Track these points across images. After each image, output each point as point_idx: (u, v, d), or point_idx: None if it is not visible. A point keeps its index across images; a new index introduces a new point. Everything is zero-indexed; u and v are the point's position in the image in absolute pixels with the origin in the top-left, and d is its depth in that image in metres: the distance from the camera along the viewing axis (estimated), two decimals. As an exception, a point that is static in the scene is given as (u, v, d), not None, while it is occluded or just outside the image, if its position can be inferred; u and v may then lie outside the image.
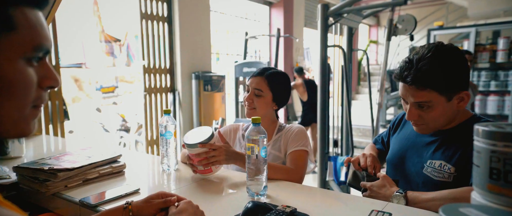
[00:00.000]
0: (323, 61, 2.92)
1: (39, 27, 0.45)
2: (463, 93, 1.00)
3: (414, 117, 1.03)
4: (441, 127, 1.05)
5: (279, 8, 5.92)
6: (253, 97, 1.35)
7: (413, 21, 2.94)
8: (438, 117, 1.01)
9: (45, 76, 0.47)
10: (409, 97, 1.02)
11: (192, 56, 4.11)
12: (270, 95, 1.36)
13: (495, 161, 0.53)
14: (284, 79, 1.41)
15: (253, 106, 1.36)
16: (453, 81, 0.98)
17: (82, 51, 8.48)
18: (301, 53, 6.48)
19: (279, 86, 1.38)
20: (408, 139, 1.17)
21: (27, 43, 0.43)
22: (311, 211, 0.92)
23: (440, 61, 0.96)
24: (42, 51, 0.46)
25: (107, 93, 8.19)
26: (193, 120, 4.10)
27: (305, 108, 4.76)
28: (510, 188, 0.52)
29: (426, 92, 0.98)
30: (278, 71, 1.40)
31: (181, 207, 0.80)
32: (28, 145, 1.89)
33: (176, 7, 3.89)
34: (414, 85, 0.98)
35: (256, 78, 1.36)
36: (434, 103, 0.99)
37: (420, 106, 1.01)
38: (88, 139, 5.29)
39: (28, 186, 1.16)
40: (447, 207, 0.52)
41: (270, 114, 1.42)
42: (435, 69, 0.96)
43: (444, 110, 1.00)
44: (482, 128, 0.56)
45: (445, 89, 0.98)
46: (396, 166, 1.19)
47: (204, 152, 1.18)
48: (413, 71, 0.97)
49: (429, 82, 0.96)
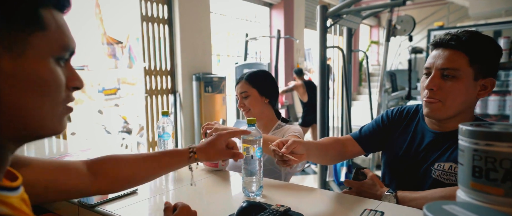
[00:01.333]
0: (322, 62, 2.93)
1: (65, 28, 0.47)
2: (489, 80, 0.96)
3: (435, 85, 0.96)
4: (455, 111, 0.97)
5: (279, 9, 5.94)
6: (243, 101, 1.47)
7: (412, 22, 2.95)
8: (459, 93, 0.95)
9: (71, 77, 0.49)
10: (437, 61, 0.97)
11: (193, 58, 4.14)
12: (255, 91, 1.46)
13: (477, 159, 0.55)
14: (263, 73, 1.52)
15: (247, 109, 1.46)
16: (485, 56, 0.95)
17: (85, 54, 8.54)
18: (302, 54, 6.50)
19: (260, 81, 1.48)
20: (410, 141, 1.11)
21: (56, 43, 0.45)
22: (305, 210, 0.93)
23: (479, 35, 0.97)
24: (69, 51, 0.48)
25: (109, 95, 8.23)
26: (194, 121, 4.13)
27: (306, 109, 4.77)
28: (492, 185, 0.54)
29: (458, 56, 0.94)
30: (255, 71, 1.52)
31: (179, 213, 0.79)
32: (29, 146, 1.92)
33: (177, 9, 3.92)
34: (449, 47, 0.95)
35: (238, 85, 1.49)
36: (460, 74, 0.94)
37: (445, 76, 0.96)
38: (90, 140, 5.32)
39: (28, 187, 1.18)
40: (431, 205, 0.53)
41: (267, 111, 1.49)
42: (473, 38, 0.95)
43: (466, 87, 0.95)
44: (465, 127, 0.57)
45: (476, 60, 0.94)
46: (398, 169, 1.13)
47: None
48: (451, 36, 0.96)
49: (464, 45, 0.94)
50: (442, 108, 0.98)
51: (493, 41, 0.98)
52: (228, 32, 5.94)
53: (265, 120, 1.49)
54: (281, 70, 5.83)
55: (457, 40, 0.94)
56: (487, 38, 0.97)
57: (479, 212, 0.50)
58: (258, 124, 1.48)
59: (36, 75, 0.43)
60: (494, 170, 0.53)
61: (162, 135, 1.35)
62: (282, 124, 1.49)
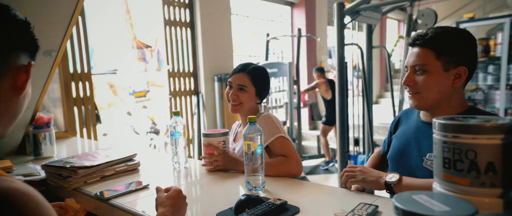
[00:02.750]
0: (340, 59, 2.91)
1: None
2: (461, 68, 1.01)
3: (410, 81, 1.05)
4: (433, 100, 1.04)
5: (301, 8, 5.92)
6: (237, 92, 1.40)
7: (434, 16, 2.86)
8: (431, 85, 1.02)
9: None
10: (409, 59, 1.06)
11: (214, 59, 4.24)
12: (253, 89, 1.40)
13: (446, 151, 0.56)
14: (265, 72, 1.45)
15: (239, 101, 1.40)
16: (452, 48, 1.01)
17: (116, 58, 8.95)
18: (325, 52, 6.43)
19: (261, 81, 1.42)
20: (407, 134, 1.16)
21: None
22: (302, 204, 0.97)
23: (444, 29, 1.04)
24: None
25: (140, 97, 8.59)
26: (217, 121, 4.23)
27: (329, 107, 4.74)
28: (459, 176, 0.55)
29: (424, 52, 1.02)
30: (258, 66, 1.44)
31: (171, 194, 0.86)
32: (61, 146, 2.08)
33: (198, 13, 4.04)
34: (416, 46, 1.04)
35: (238, 74, 1.40)
36: (429, 67, 1.01)
37: (416, 71, 1.04)
38: (121, 141, 5.59)
39: (54, 182, 1.30)
40: (401, 195, 0.55)
41: (254, 107, 1.45)
42: (437, 33, 1.02)
43: (438, 78, 1.01)
44: (437, 120, 0.59)
45: (442, 52, 1.00)
46: (397, 162, 1.18)
47: (210, 153, 1.34)
48: (418, 36, 1.05)
49: (428, 41, 1.02)
50: (422, 99, 1.05)
51: (461, 33, 1.04)
52: (254, 33, 6.00)
53: (250, 114, 1.43)
54: (303, 69, 5.82)
55: (422, 38, 1.03)
56: (454, 31, 1.04)
57: (443, 200, 0.52)
58: (242, 118, 1.48)
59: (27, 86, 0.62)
60: (461, 161, 0.54)
61: (173, 133, 1.43)
62: (261, 113, 1.46)
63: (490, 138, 0.52)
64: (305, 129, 5.90)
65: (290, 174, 1.28)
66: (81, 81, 2.83)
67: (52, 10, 1.40)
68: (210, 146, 1.32)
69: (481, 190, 0.53)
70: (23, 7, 1.29)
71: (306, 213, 0.91)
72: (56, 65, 1.68)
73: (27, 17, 0.92)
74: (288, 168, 1.28)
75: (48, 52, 1.56)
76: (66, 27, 1.51)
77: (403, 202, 0.52)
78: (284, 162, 1.30)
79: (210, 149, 1.33)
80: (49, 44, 1.53)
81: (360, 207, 0.90)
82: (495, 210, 0.53)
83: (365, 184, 1.04)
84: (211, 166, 1.34)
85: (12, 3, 0.65)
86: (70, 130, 2.46)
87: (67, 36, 1.56)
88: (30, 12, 1.33)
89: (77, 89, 2.79)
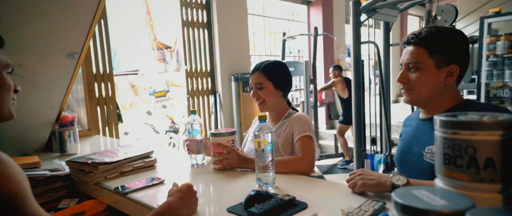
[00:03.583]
0: (356, 58, 2.89)
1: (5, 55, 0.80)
2: (453, 67, 1.05)
3: (403, 78, 1.10)
4: (425, 96, 1.09)
5: (317, 6, 5.88)
6: (257, 91, 1.48)
7: (454, 12, 2.79)
8: (423, 82, 1.06)
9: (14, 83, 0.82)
10: (404, 57, 1.11)
11: (231, 59, 4.29)
12: (270, 84, 1.47)
13: (446, 147, 0.57)
14: (279, 66, 1.52)
15: (261, 99, 1.48)
16: (444, 46, 1.05)
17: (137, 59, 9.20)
18: (342, 50, 6.37)
19: (276, 74, 1.49)
20: (408, 134, 1.20)
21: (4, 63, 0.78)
22: (310, 200, 0.99)
23: (438, 29, 1.08)
24: (10, 67, 0.80)
25: (160, 97, 8.79)
26: (234, 120, 4.28)
27: (346, 105, 4.69)
28: (459, 171, 0.55)
29: (417, 50, 1.07)
30: (272, 62, 1.52)
31: (181, 187, 0.93)
32: (84, 144, 2.18)
33: (215, 14, 4.11)
34: (411, 45, 1.09)
35: (254, 74, 1.50)
36: (422, 65, 1.06)
37: (410, 68, 1.09)
38: (141, 140, 5.74)
39: (77, 177, 1.37)
40: (401, 190, 0.57)
41: (280, 103, 1.52)
42: (431, 33, 1.07)
43: (430, 76, 1.06)
44: (438, 118, 0.59)
45: (434, 51, 1.05)
46: (401, 162, 1.21)
47: (219, 152, 1.36)
48: (412, 35, 1.10)
49: (422, 40, 1.07)
50: (414, 95, 1.10)
51: (454, 33, 1.09)
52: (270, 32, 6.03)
53: (277, 110, 1.52)
54: (320, 67, 5.78)
55: (416, 37, 1.08)
56: (447, 31, 1.08)
57: (442, 195, 0.53)
58: (270, 114, 1.56)
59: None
60: (460, 156, 0.55)
61: (191, 131, 1.49)
62: (292, 112, 1.52)
63: (489, 134, 0.53)
64: (322, 128, 5.87)
65: (301, 172, 1.30)
66: (103, 81, 2.94)
67: (73, 15, 1.48)
68: (219, 145, 1.36)
69: (480, 186, 0.54)
70: (47, 12, 1.37)
71: (313, 208, 0.93)
72: (79, 67, 1.76)
73: (51, 21, 1.02)
74: (299, 167, 1.31)
75: (71, 55, 1.64)
76: (88, 30, 1.59)
77: (403, 197, 0.54)
78: (297, 160, 1.33)
79: (218, 148, 1.36)
80: (72, 47, 1.62)
81: (367, 203, 0.91)
82: (494, 205, 0.53)
83: (367, 188, 1.02)
84: (220, 164, 1.37)
85: (37, 9, 0.71)
86: (93, 128, 2.57)
87: (88, 39, 1.64)
88: (53, 17, 1.42)
89: (100, 90, 2.90)
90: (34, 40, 1.45)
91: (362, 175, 1.04)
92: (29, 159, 1.53)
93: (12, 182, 0.64)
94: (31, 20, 1.35)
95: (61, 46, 1.58)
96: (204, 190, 1.21)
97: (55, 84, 1.74)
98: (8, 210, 0.63)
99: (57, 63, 1.64)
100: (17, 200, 0.64)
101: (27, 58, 1.49)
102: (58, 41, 1.55)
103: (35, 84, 1.61)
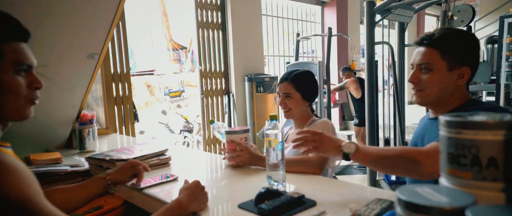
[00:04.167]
0: (369, 58, 2.88)
1: (20, 52, 0.76)
2: (464, 69, 1.07)
3: (415, 79, 1.11)
4: (435, 97, 1.10)
5: (332, 7, 5.86)
6: (285, 100, 1.53)
7: (471, 11, 2.74)
8: (434, 83, 1.08)
9: (33, 80, 0.78)
10: (416, 58, 1.12)
11: (245, 60, 4.34)
12: (298, 95, 1.52)
13: (450, 147, 0.58)
14: (308, 77, 1.56)
15: (288, 108, 1.53)
16: (456, 49, 1.07)
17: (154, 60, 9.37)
18: (357, 51, 6.32)
19: (305, 85, 1.53)
20: (417, 133, 1.23)
21: (12, 62, 0.75)
22: (319, 198, 1.01)
23: (450, 31, 1.11)
24: (25, 65, 0.77)
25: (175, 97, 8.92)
26: (247, 120, 4.32)
27: (360, 106, 4.65)
28: (462, 170, 0.57)
29: (430, 52, 1.08)
30: (300, 72, 1.55)
31: (189, 184, 0.99)
32: (102, 141, 2.26)
33: (229, 15, 4.16)
34: (423, 46, 1.10)
35: (283, 84, 1.54)
36: (434, 66, 1.07)
37: (422, 69, 1.10)
38: (157, 138, 5.86)
39: (95, 173, 1.44)
40: (404, 187, 0.58)
41: (305, 111, 1.57)
42: (444, 35, 1.09)
43: (442, 77, 1.07)
44: (443, 117, 0.61)
45: (447, 53, 1.06)
46: None
47: (232, 149, 1.38)
48: (425, 35, 1.12)
49: (434, 42, 1.08)
50: (424, 96, 1.12)
51: (466, 35, 1.11)
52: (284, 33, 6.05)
53: (302, 118, 1.57)
54: (334, 68, 5.75)
55: (429, 38, 1.09)
56: (459, 33, 1.10)
57: (444, 193, 0.54)
58: (295, 122, 1.61)
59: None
60: (464, 156, 0.56)
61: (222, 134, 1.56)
62: (315, 118, 1.56)
63: (492, 134, 0.54)
64: (336, 129, 5.83)
65: (310, 172, 1.32)
66: (121, 81, 3.03)
67: (95, 18, 1.55)
68: (232, 143, 1.40)
69: (483, 184, 0.55)
70: (71, 15, 1.44)
71: (322, 206, 0.95)
72: (98, 67, 1.84)
73: (74, 24, 1.07)
74: (308, 167, 1.33)
75: (92, 56, 1.72)
76: (107, 32, 1.66)
77: (406, 193, 0.56)
78: (307, 160, 1.35)
79: (232, 145, 1.40)
80: (92, 48, 1.69)
81: (375, 202, 0.93)
82: (497, 203, 0.54)
83: (319, 151, 1.07)
84: (234, 161, 1.41)
85: (60, 14, 0.76)
86: (111, 127, 2.65)
87: (108, 40, 1.71)
88: (76, 20, 1.49)
89: (117, 89, 2.99)
90: (57, 42, 1.52)
91: (322, 138, 1.07)
92: (51, 155, 1.60)
93: (22, 187, 0.67)
94: (56, 23, 1.42)
95: (82, 47, 1.65)
96: (217, 187, 1.25)
97: (76, 84, 1.82)
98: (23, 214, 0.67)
99: (79, 64, 1.71)
100: (31, 204, 0.68)
101: (51, 59, 1.57)
102: (80, 43, 1.62)
103: (58, 84, 1.69)
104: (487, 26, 7.11)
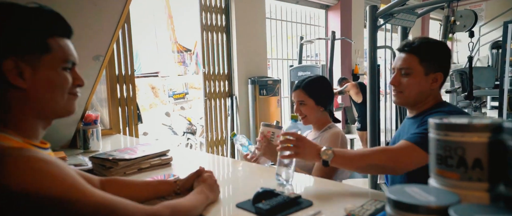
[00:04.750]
0: (372, 63, 2.89)
1: (66, 48, 0.76)
2: (438, 74, 1.21)
3: (396, 82, 1.23)
4: (413, 98, 1.23)
5: (336, 11, 5.89)
6: (299, 107, 1.57)
7: (473, 17, 2.74)
8: (413, 86, 1.20)
9: (75, 78, 0.78)
10: (397, 63, 1.25)
11: (249, 63, 4.37)
12: (311, 101, 1.56)
13: (438, 148, 0.60)
14: (320, 82, 1.59)
15: (303, 115, 1.57)
16: (433, 56, 1.21)
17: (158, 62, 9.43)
18: (361, 54, 6.33)
19: (317, 91, 1.57)
20: (397, 133, 1.36)
21: (60, 59, 0.74)
22: (315, 198, 1.03)
23: (428, 40, 1.25)
24: (70, 62, 0.77)
25: (178, 99, 8.97)
26: (250, 123, 4.34)
27: (363, 110, 4.66)
28: (450, 170, 0.59)
29: (410, 57, 1.20)
30: (313, 78, 1.59)
31: (204, 177, 1.05)
32: (106, 142, 2.30)
33: (233, 18, 4.20)
34: (403, 52, 1.23)
35: (296, 91, 1.59)
36: (413, 71, 1.20)
37: (402, 74, 1.22)
38: (160, 140, 5.90)
39: (98, 172, 1.47)
40: (394, 188, 0.60)
41: (322, 116, 1.60)
42: (423, 43, 1.22)
43: (419, 81, 1.20)
44: (432, 120, 0.63)
45: (425, 59, 1.19)
46: None
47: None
48: (406, 43, 1.25)
49: (414, 49, 1.21)
50: (403, 97, 1.25)
51: (441, 44, 1.26)
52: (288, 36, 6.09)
53: (319, 123, 1.61)
54: (337, 72, 5.77)
55: (410, 45, 1.22)
56: (435, 43, 1.25)
57: (431, 192, 0.57)
58: (313, 126, 1.64)
59: (47, 79, 0.71)
60: (451, 157, 0.58)
61: (245, 146, 1.61)
62: (331, 125, 1.60)
63: (478, 136, 0.56)
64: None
65: None
66: (125, 83, 3.06)
67: (100, 19, 1.59)
68: (261, 134, 1.46)
69: (469, 184, 0.57)
70: (76, 17, 1.48)
71: (318, 206, 0.97)
72: (103, 68, 1.87)
73: (80, 26, 1.08)
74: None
75: (97, 57, 1.75)
76: (113, 34, 1.69)
77: (396, 193, 0.58)
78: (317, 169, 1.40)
79: (261, 136, 1.47)
80: (98, 49, 1.72)
81: (370, 202, 0.94)
82: (482, 203, 0.56)
83: (298, 156, 1.11)
84: (252, 156, 1.49)
85: (65, 14, 0.79)
86: (114, 127, 2.69)
87: (113, 42, 1.75)
88: (82, 22, 1.52)
89: (121, 91, 3.02)
90: (63, 43, 1.56)
91: (303, 143, 1.10)
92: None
93: (60, 180, 0.64)
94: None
95: (88, 48, 1.69)
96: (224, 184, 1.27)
97: (81, 85, 1.86)
98: (68, 204, 0.63)
99: (84, 65, 1.75)
100: (74, 193, 0.64)
101: (57, 60, 1.60)
102: (86, 44, 1.66)
103: (63, 84, 1.72)
104: (492, 31, 7.10)
